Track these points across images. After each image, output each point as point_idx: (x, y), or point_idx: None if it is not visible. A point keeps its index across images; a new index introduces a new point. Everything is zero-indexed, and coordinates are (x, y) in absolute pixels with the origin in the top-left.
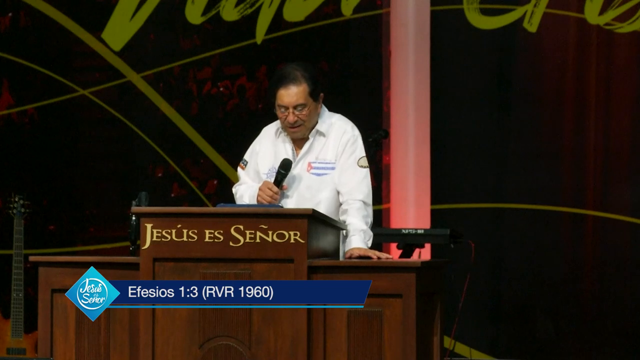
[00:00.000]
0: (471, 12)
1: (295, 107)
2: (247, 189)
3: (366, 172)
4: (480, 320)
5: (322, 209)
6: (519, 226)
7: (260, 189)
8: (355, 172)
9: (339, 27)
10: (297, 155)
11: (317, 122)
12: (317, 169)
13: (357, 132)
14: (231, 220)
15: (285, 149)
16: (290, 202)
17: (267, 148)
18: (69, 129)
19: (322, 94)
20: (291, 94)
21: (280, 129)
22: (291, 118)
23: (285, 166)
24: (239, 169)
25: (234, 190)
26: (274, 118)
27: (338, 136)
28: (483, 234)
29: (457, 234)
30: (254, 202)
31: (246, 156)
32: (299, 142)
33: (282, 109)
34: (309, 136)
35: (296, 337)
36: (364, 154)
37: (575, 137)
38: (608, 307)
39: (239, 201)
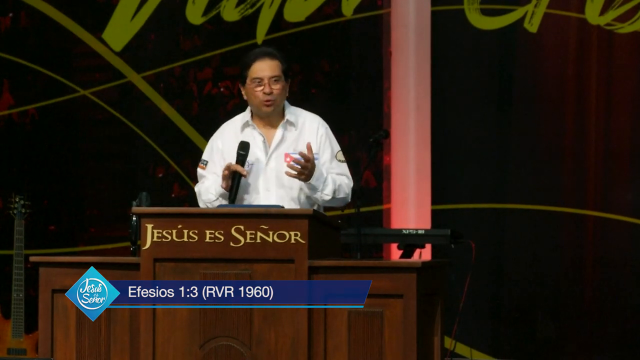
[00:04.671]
0: (472, 13)
1: (270, 79)
2: (213, 182)
3: (346, 165)
4: (481, 321)
5: (304, 196)
6: (519, 226)
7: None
8: (338, 166)
9: (339, 28)
10: (269, 147)
11: (284, 110)
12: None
13: (327, 125)
14: (232, 220)
15: (255, 141)
16: (273, 195)
17: (234, 144)
18: (69, 129)
19: (289, 80)
20: (267, 66)
21: (247, 122)
22: (267, 89)
23: (244, 147)
24: (199, 169)
25: (196, 189)
26: None
27: (314, 129)
28: (483, 234)
29: (457, 234)
30: (220, 189)
31: (205, 156)
32: (269, 134)
33: (257, 81)
34: (280, 126)
35: (297, 338)
36: (339, 148)
37: (576, 137)
38: (608, 307)
39: (204, 195)
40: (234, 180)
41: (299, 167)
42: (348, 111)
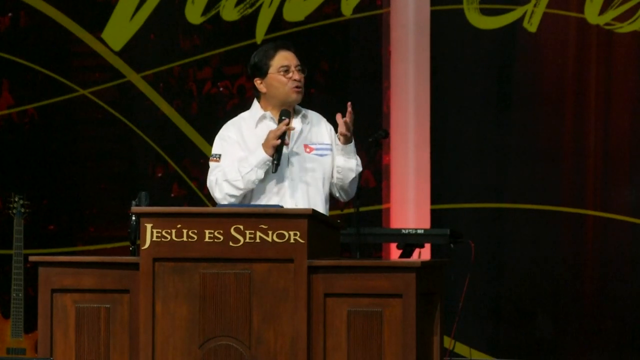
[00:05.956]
0: (471, 12)
1: (296, 67)
2: (242, 161)
3: None
4: (480, 320)
5: (325, 188)
6: (519, 226)
7: (265, 140)
8: None
9: (339, 27)
10: (288, 138)
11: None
12: (319, 150)
13: None
14: (231, 220)
15: None
16: (297, 184)
17: (249, 137)
18: (69, 129)
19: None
20: (291, 55)
21: (262, 116)
22: (297, 75)
23: (287, 114)
24: (211, 163)
25: (211, 178)
26: None
27: (322, 123)
28: (483, 234)
29: (457, 234)
30: (260, 157)
31: (216, 150)
32: None
33: (284, 69)
34: (296, 119)
35: (296, 337)
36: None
37: (575, 137)
38: (608, 307)
39: (230, 175)
40: (275, 148)
41: (347, 127)
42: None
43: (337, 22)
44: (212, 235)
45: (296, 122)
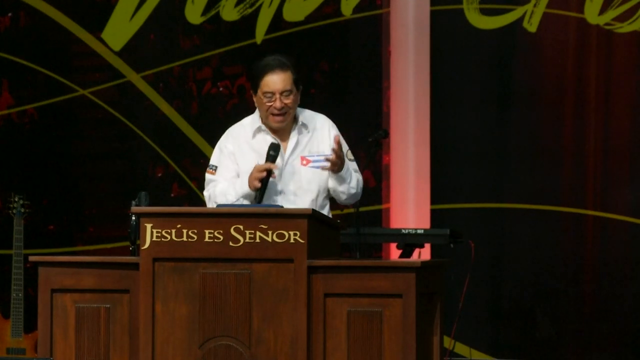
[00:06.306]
0: (471, 12)
1: (281, 93)
2: (229, 185)
3: (355, 163)
4: (480, 320)
5: (320, 199)
6: (519, 226)
7: (250, 174)
8: (350, 164)
9: (338, 27)
10: (284, 152)
11: (297, 115)
12: (316, 162)
13: (334, 124)
14: (231, 220)
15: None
16: (291, 198)
17: (246, 148)
18: (69, 129)
19: (301, 88)
20: (278, 80)
21: (258, 127)
22: (278, 104)
23: (275, 148)
24: (207, 175)
25: (206, 194)
26: None
27: (325, 130)
28: (483, 234)
29: (456, 234)
30: (245, 189)
31: (213, 161)
32: (282, 138)
33: (268, 95)
34: (294, 130)
35: (296, 337)
36: (348, 147)
37: (575, 137)
38: (608, 307)
39: (219, 198)
40: (262, 181)
41: (331, 162)
42: (347, 111)
43: (337, 22)
44: (212, 235)
45: (293, 135)
